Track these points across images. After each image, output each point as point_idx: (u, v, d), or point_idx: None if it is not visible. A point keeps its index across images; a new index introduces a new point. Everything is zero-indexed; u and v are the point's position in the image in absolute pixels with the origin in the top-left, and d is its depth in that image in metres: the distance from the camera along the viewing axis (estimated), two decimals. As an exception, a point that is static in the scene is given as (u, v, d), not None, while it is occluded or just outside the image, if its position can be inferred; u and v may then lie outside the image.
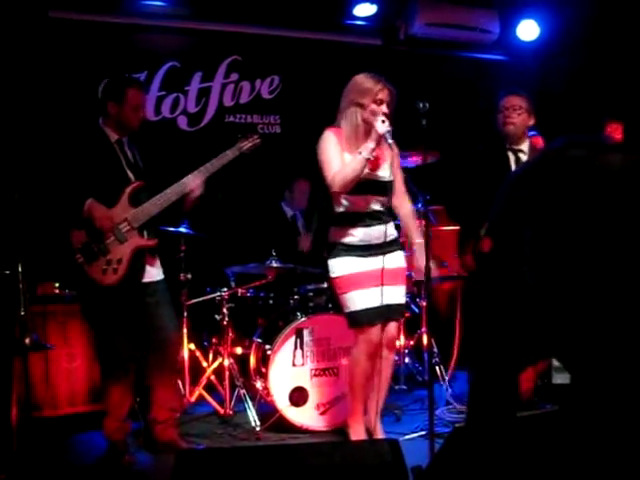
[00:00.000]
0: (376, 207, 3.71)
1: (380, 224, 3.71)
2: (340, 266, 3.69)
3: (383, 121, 3.51)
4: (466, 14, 6.15)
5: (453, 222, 4.99)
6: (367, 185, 3.65)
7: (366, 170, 3.60)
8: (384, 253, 3.70)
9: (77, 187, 3.54)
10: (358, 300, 3.65)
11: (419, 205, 4.36)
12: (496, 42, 6.40)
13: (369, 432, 3.81)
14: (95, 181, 3.57)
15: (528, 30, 6.30)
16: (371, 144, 3.52)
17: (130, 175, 3.72)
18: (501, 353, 1.01)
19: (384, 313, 3.68)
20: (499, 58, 6.67)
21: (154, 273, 3.79)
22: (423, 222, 3.58)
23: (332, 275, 3.73)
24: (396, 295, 3.74)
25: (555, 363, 4.06)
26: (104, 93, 3.84)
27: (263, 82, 6.02)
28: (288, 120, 6.07)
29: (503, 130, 4.13)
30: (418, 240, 3.74)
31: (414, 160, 4.81)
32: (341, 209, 3.71)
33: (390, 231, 3.74)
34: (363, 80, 3.64)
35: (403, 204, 3.81)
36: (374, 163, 3.65)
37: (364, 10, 5.96)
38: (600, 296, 0.82)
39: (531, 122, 4.15)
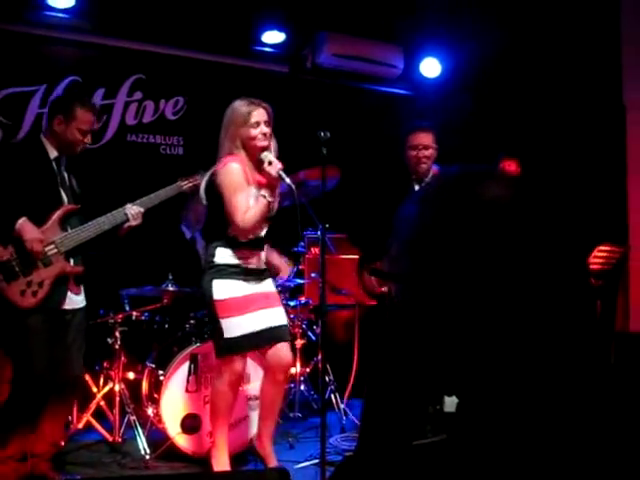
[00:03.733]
0: (262, 234, 3.77)
1: (261, 250, 3.78)
2: (225, 288, 3.61)
3: (270, 162, 3.55)
4: (372, 48, 6.30)
5: (353, 250, 5.04)
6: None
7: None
8: (262, 279, 3.75)
9: (7, 203, 3.34)
10: (241, 325, 3.59)
11: (318, 233, 4.39)
12: (400, 77, 6.59)
13: (262, 459, 3.78)
14: (26, 197, 3.38)
15: (431, 67, 6.52)
16: (269, 191, 3.58)
17: (63, 196, 3.55)
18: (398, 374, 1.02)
19: (269, 336, 3.68)
20: (403, 92, 6.85)
21: (76, 300, 3.64)
22: (318, 250, 3.63)
23: (215, 297, 3.60)
24: (279, 317, 3.75)
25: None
26: (52, 106, 3.62)
27: (167, 102, 5.93)
28: (191, 142, 6.00)
29: (415, 169, 4.16)
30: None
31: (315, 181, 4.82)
32: (233, 232, 3.66)
33: (264, 257, 3.85)
34: (237, 107, 3.64)
35: None
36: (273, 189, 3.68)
37: (272, 37, 6.01)
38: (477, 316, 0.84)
39: (436, 154, 4.22)
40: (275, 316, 3.71)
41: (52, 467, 3.72)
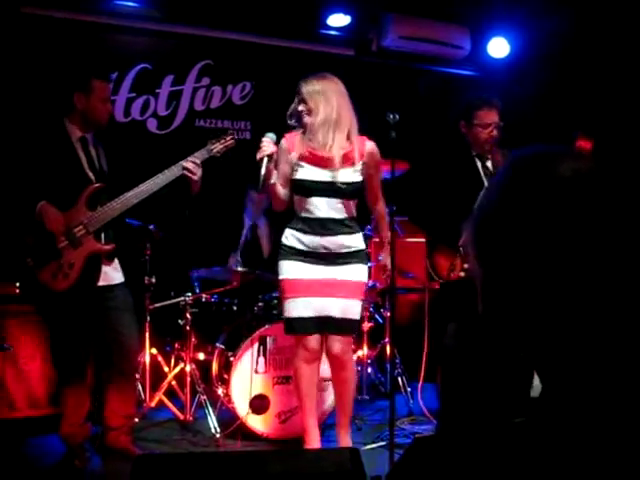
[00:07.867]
0: (331, 214, 3.57)
1: (334, 234, 3.58)
2: (286, 269, 3.63)
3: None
4: (438, 29, 6.20)
5: (420, 233, 5.00)
6: (322, 188, 3.57)
7: (323, 171, 3.55)
8: (336, 264, 3.59)
9: (31, 189, 3.43)
10: (294, 307, 3.59)
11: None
12: (467, 58, 6.47)
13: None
14: (51, 182, 3.45)
15: (498, 47, 6.38)
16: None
17: (91, 176, 3.59)
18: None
19: (322, 325, 3.59)
20: (470, 73, 6.74)
21: (112, 276, 3.68)
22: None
23: (279, 277, 3.68)
24: (343, 309, 3.59)
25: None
26: (69, 85, 3.67)
27: (235, 87, 5.99)
28: (259, 126, 6.04)
29: (483, 145, 3.95)
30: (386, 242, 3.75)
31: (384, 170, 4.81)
32: (295, 211, 3.67)
33: (347, 242, 3.60)
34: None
35: (375, 206, 3.82)
36: (331, 164, 3.54)
37: (338, 20, 5.98)
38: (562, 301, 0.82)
39: None
40: (333, 307, 3.57)
41: (132, 441, 3.83)
